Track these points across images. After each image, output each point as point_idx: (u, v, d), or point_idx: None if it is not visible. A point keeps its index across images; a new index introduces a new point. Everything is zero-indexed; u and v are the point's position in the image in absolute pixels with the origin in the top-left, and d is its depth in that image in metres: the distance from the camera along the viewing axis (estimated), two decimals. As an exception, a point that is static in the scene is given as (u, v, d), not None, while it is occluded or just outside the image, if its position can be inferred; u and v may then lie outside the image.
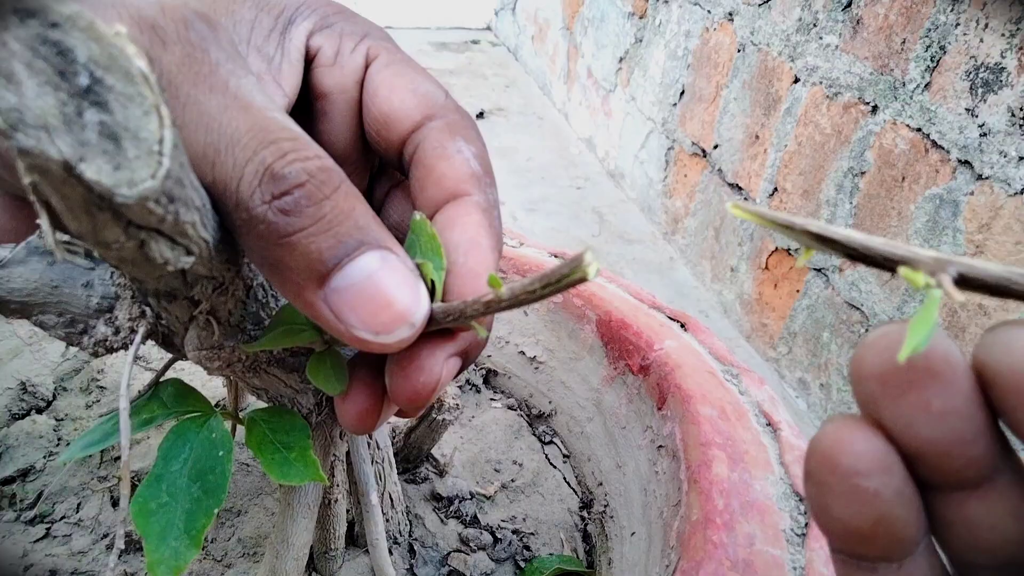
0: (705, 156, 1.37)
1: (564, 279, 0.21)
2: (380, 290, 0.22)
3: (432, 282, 0.26)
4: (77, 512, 0.47)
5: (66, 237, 0.33)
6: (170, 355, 0.35)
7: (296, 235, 0.21)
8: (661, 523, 0.39)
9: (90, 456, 0.51)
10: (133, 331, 0.33)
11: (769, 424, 0.42)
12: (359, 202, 0.23)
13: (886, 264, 0.17)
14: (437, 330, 0.26)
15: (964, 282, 0.16)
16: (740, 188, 1.26)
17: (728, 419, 0.41)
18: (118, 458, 0.50)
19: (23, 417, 0.53)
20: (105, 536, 0.45)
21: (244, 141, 0.21)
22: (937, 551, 0.18)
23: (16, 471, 0.49)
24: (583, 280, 0.21)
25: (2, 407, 0.53)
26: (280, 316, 0.32)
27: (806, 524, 0.36)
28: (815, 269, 1.07)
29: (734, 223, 1.28)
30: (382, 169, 0.34)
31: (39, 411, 0.54)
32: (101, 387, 0.56)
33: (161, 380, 0.39)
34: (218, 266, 0.27)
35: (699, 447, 0.39)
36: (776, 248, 1.16)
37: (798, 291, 1.12)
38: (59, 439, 0.52)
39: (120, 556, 0.45)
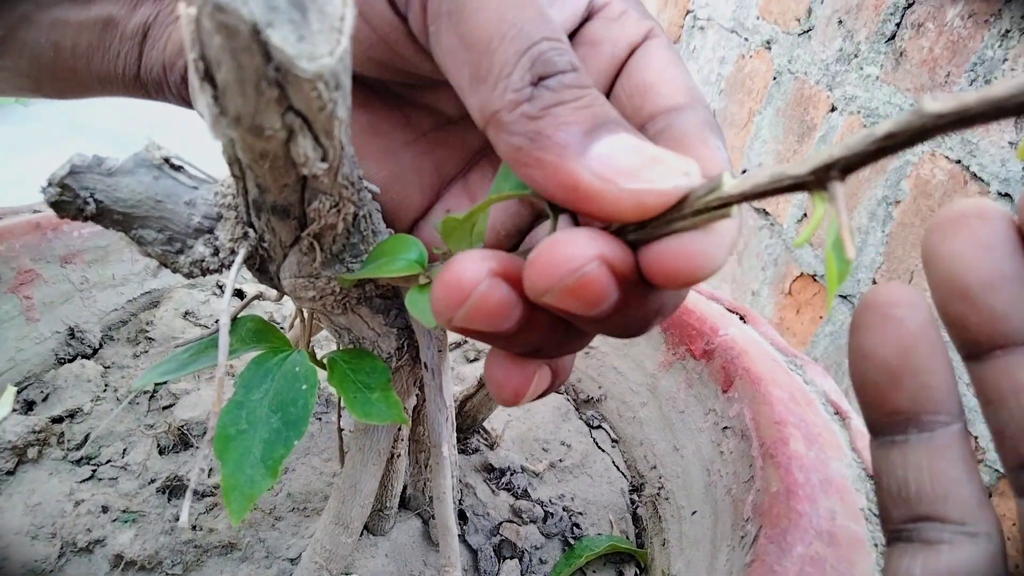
0: (732, 181, 1.38)
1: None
2: (646, 148, 0.21)
3: None
4: (123, 457, 0.46)
5: (173, 154, 0.33)
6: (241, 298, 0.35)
7: (558, 107, 0.21)
8: (729, 499, 0.39)
9: (137, 403, 0.50)
10: (233, 252, 0.33)
11: (837, 413, 0.42)
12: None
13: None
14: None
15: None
16: (767, 213, 1.27)
17: (798, 403, 0.41)
18: (167, 407, 0.49)
19: (70, 361, 0.53)
20: (152, 481, 0.45)
21: (527, 30, 0.22)
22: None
23: (64, 411, 0.48)
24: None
25: (49, 350, 0.53)
26: (382, 248, 0.32)
27: (883, 506, 0.36)
28: (841, 296, 1.07)
29: (758, 247, 1.29)
30: None
31: (86, 357, 0.54)
32: (149, 338, 0.55)
33: (239, 316, 0.39)
34: (340, 182, 0.27)
35: (773, 425, 0.39)
36: (801, 273, 1.16)
37: (821, 317, 1.12)
38: (106, 385, 0.51)
39: (170, 500, 0.44)
